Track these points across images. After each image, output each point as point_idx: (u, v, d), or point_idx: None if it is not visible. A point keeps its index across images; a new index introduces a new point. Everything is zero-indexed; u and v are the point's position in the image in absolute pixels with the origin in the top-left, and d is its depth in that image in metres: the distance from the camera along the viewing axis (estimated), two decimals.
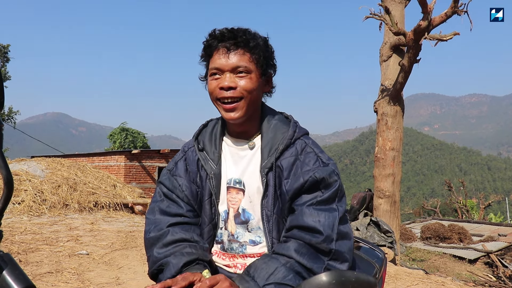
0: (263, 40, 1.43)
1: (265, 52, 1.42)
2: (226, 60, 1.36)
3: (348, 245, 1.30)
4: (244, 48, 1.37)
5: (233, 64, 1.36)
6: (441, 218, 22.48)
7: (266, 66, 1.43)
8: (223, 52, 1.37)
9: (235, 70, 1.37)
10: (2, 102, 0.83)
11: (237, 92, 1.36)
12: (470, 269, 11.19)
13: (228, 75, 1.37)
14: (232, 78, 1.37)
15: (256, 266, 1.25)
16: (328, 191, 1.32)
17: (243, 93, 1.37)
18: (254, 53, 1.38)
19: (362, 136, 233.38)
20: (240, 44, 1.36)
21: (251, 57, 1.38)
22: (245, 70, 1.37)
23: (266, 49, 1.43)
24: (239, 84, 1.36)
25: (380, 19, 9.07)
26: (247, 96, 1.38)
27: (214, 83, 1.39)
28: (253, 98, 1.41)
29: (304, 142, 1.44)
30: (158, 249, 1.37)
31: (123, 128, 30.36)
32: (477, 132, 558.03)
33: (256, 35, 1.42)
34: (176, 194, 1.50)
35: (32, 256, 5.88)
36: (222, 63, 1.36)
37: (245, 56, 1.37)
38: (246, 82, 1.37)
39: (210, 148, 1.52)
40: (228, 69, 1.37)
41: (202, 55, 1.45)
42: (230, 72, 1.37)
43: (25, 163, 13.75)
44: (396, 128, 9.56)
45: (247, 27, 1.44)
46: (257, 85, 1.41)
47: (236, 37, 1.36)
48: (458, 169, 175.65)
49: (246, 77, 1.37)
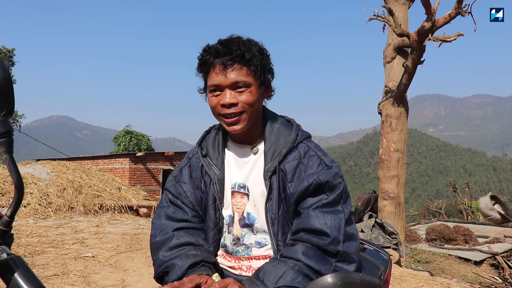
0: (258, 48, 1.41)
1: (261, 61, 1.40)
2: (223, 77, 1.35)
3: (355, 246, 1.31)
4: (240, 63, 1.35)
5: (232, 80, 1.35)
6: (446, 219, 22.38)
7: (264, 74, 1.43)
8: (220, 69, 1.35)
9: (234, 86, 1.36)
10: (13, 108, 0.84)
11: (238, 107, 1.36)
12: (476, 271, 11.13)
13: (228, 92, 1.36)
14: (232, 94, 1.36)
15: (265, 269, 1.26)
16: (333, 194, 1.33)
17: (245, 107, 1.37)
18: (251, 65, 1.37)
19: (366, 137, 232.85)
20: (236, 59, 1.35)
21: (248, 70, 1.37)
22: (244, 85, 1.36)
23: (262, 57, 1.41)
24: (240, 100, 1.36)
25: (383, 21, 9.06)
26: (248, 109, 1.38)
27: (214, 100, 1.39)
28: (255, 109, 1.41)
29: (307, 146, 1.45)
30: (164, 252, 1.39)
31: (127, 131, 30.40)
32: (482, 133, 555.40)
33: (250, 45, 1.40)
34: (181, 200, 1.52)
35: (38, 258, 5.91)
36: (221, 80, 1.35)
37: (242, 71, 1.36)
38: (246, 96, 1.37)
39: (213, 154, 1.54)
40: (227, 86, 1.36)
41: (198, 70, 1.44)
42: (229, 88, 1.36)
43: (31, 166, 13.82)
44: (400, 130, 9.54)
45: (237, 36, 1.42)
46: (257, 96, 1.41)
47: (231, 52, 1.34)
48: (463, 170, 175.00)
49: (246, 91, 1.37)
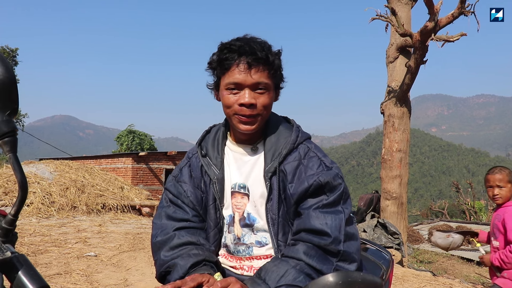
0: (278, 53, 1.43)
1: (279, 65, 1.42)
2: (247, 76, 1.34)
3: (356, 246, 1.32)
4: (264, 65, 1.36)
5: (254, 80, 1.34)
6: (449, 219, 22.33)
7: (281, 79, 1.46)
8: (245, 68, 1.34)
9: (255, 86, 1.36)
10: (17, 108, 0.85)
11: (257, 109, 1.37)
12: (479, 271, 11.10)
13: (248, 92, 1.35)
14: (252, 95, 1.36)
15: (267, 269, 1.27)
16: (333, 194, 1.34)
17: (262, 110, 1.38)
18: (272, 69, 1.38)
19: (369, 137, 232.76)
20: (261, 60, 1.34)
21: (269, 73, 1.37)
22: (265, 87, 1.37)
23: (279, 62, 1.43)
24: (259, 101, 1.36)
25: (386, 21, 9.05)
26: (264, 112, 1.39)
27: (232, 98, 1.38)
28: (269, 112, 1.43)
29: (307, 147, 1.45)
30: (165, 252, 1.39)
31: (130, 130, 30.46)
32: (485, 133, 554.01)
33: (271, 49, 1.41)
34: (181, 200, 1.52)
35: (41, 257, 5.93)
36: (243, 78, 1.34)
37: (265, 73, 1.36)
38: (265, 99, 1.37)
39: (213, 154, 1.54)
40: (248, 85, 1.35)
41: (214, 67, 1.43)
42: (250, 88, 1.36)
43: (34, 165, 13.86)
44: (403, 130, 9.53)
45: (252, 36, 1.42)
46: (272, 99, 1.43)
47: (255, 52, 1.34)
48: (466, 171, 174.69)
49: (265, 94, 1.37)
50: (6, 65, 0.82)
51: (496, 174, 3.32)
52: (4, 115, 0.82)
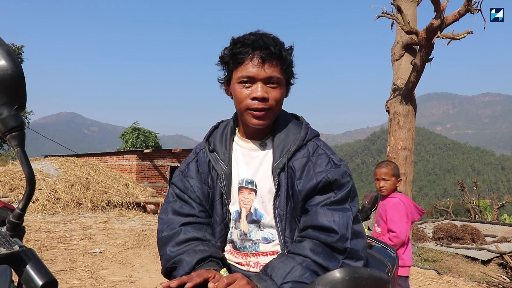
0: (290, 49, 1.44)
1: (291, 62, 1.43)
2: (260, 70, 1.34)
3: (362, 244, 1.32)
4: (278, 60, 1.36)
5: (267, 75, 1.35)
6: (454, 218, 22.22)
7: (292, 75, 1.46)
8: (258, 62, 1.34)
9: (267, 80, 1.36)
10: (25, 103, 0.85)
11: (269, 103, 1.37)
12: (483, 270, 11.06)
13: (260, 85, 1.36)
14: (265, 89, 1.36)
15: (273, 265, 1.27)
16: (341, 192, 1.34)
17: (273, 104, 1.38)
18: (284, 64, 1.39)
19: (374, 135, 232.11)
20: (275, 55, 1.35)
21: (281, 68, 1.38)
22: (277, 82, 1.37)
23: (291, 59, 1.44)
24: (271, 95, 1.37)
25: (392, 18, 9.01)
26: (275, 107, 1.39)
27: (244, 92, 1.38)
28: (280, 107, 1.44)
29: (316, 144, 1.45)
30: (171, 247, 1.39)
31: (135, 127, 30.54)
32: (490, 132, 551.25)
33: (284, 45, 1.42)
34: (188, 195, 1.52)
35: (47, 254, 5.96)
36: (256, 72, 1.35)
37: (278, 68, 1.37)
38: (277, 93, 1.38)
39: (221, 149, 1.53)
40: (261, 79, 1.36)
41: (227, 61, 1.43)
42: (262, 82, 1.36)
43: (39, 162, 13.92)
44: (408, 128, 9.49)
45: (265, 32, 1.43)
46: (284, 95, 1.43)
47: (269, 47, 1.34)
48: (471, 169, 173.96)
49: (277, 88, 1.38)
50: (14, 60, 0.82)
51: (382, 168, 3.65)
52: (12, 109, 0.82)
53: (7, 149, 32.89)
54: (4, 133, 0.81)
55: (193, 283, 1.15)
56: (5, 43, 0.83)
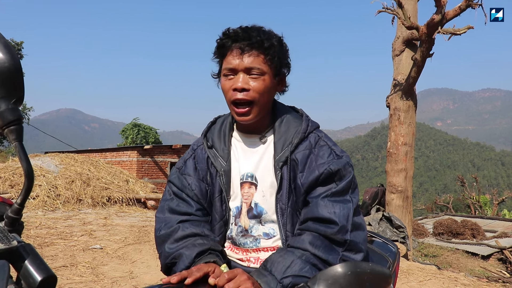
0: (278, 40, 1.41)
1: (279, 52, 1.39)
2: (240, 61, 1.34)
3: (363, 236, 1.31)
4: (258, 49, 1.35)
5: (247, 65, 1.34)
6: (454, 213, 22.25)
7: (280, 66, 1.42)
8: (237, 53, 1.35)
9: (248, 71, 1.35)
10: (22, 96, 0.84)
11: (249, 94, 1.35)
12: (483, 265, 11.09)
13: (242, 76, 1.35)
14: (246, 79, 1.35)
15: (273, 260, 1.26)
16: (342, 182, 1.33)
17: (255, 96, 1.36)
18: (268, 54, 1.36)
19: (374, 131, 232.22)
20: (255, 45, 1.34)
21: (264, 58, 1.36)
22: (259, 72, 1.35)
23: (281, 49, 1.41)
24: (252, 86, 1.35)
25: (392, 13, 8.98)
26: (259, 98, 1.37)
27: (227, 84, 1.38)
28: (265, 99, 1.40)
29: (317, 136, 1.44)
30: (170, 244, 1.38)
31: (135, 123, 30.54)
32: (490, 128, 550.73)
33: (270, 35, 1.39)
34: (185, 193, 1.50)
35: (47, 250, 5.97)
36: (236, 63, 1.35)
37: (259, 58, 1.35)
38: (259, 83, 1.36)
39: (219, 145, 1.52)
40: (242, 70, 1.35)
41: (215, 54, 1.44)
42: (244, 72, 1.36)
43: (39, 158, 13.90)
44: (408, 123, 9.49)
45: (260, 26, 1.42)
46: (270, 86, 1.39)
47: (251, 37, 1.34)
48: (471, 165, 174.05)
49: (259, 79, 1.36)
50: (12, 53, 0.81)
51: None
52: (9, 103, 0.81)
53: (7, 146, 32.89)
54: (2, 127, 0.80)
55: (193, 277, 1.14)
56: (3, 36, 0.82)
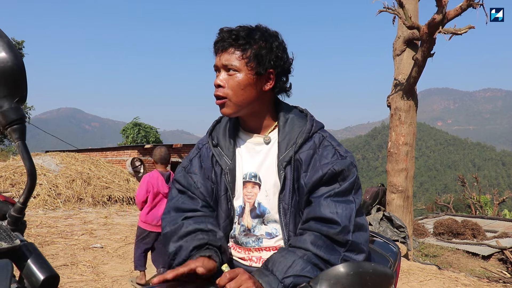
0: (262, 37, 1.39)
1: (260, 49, 1.37)
2: (219, 58, 1.39)
3: (365, 237, 1.31)
4: (234, 46, 1.37)
5: (223, 62, 1.38)
6: (454, 213, 22.22)
7: (261, 63, 1.38)
8: (218, 52, 1.40)
9: (226, 68, 1.38)
10: (25, 96, 0.84)
11: (222, 90, 1.38)
12: (484, 265, 11.08)
13: (222, 73, 1.40)
14: (224, 76, 1.39)
15: (274, 260, 1.26)
16: (346, 183, 1.34)
17: (227, 92, 1.38)
18: (244, 51, 1.36)
19: (375, 131, 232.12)
20: (232, 43, 1.36)
21: (241, 55, 1.36)
22: (234, 69, 1.37)
23: (264, 46, 1.38)
24: (227, 83, 1.38)
25: (393, 13, 8.98)
26: (232, 94, 1.38)
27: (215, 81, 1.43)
28: (242, 96, 1.39)
29: (322, 136, 1.44)
30: (174, 242, 1.39)
31: (135, 123, 30.49)
32: (491, 127, 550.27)
33: (254, 32, 1.38)
34: (191, 191, 1.51)
35: (48, 249, 5.97)
36: (216, 62, 1.41)
37: (234, 55, 1.37)
38: (233, 81, 1.37)
39: (225, 144, 1.52)
40: (221, 67, 1.39)
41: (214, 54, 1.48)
42: (224, 70, 1.39)
43: (40, 157, 13.91)
44: (409, 123, 9.48)
45: (257, 24, 1.42)
46: (246, 83, 1.38)
47: (230, 36, 1.36)
48: (472, 165, 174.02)
49: (233, 76, 1.37)
50: (15, 52, 0.81)
51: None
52: (12, 102, 0.81)
53: (8, 144, 32.89)
54: (4, 126, 0.81)
55: (174, 272, 1.16)
56: (6, 35, 0.82)
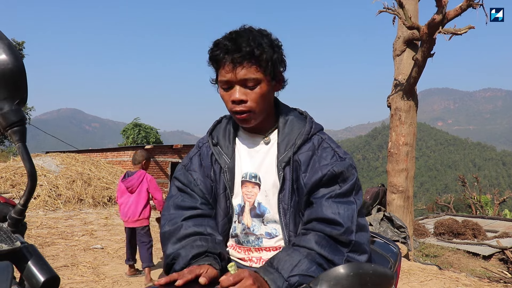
0: (269, 42, 1.38)
1: (272, 55, 1.37)
2: (233, 74, 1.33)
3: (366, 237, 1.32)
4: (249, 60, 1.33)
5: (240, 78, 1.33)
6: (455, 213, 22.22)
7: (274, 68, 1.39)
8: (230, 67, 1.33)
9: (243, 82, 1.35)
10: (26, 98, 0.84)
11: (247, 105, 1.35)
12: (485, 265, 11.07)
13: (238, 88, 1.35)
14: (242, 91, 1.35)
15: (279, 258, 1.26)
16: (346, 184, 1.34)
17: (253, 106, 1.36)
18: (260, 62, 1.34)
19: (375, 131, 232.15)
20: (246, 57, 1.32)
21: (258, 67, 1.34)
22: (254, 82, 1.34)
23: (273, 51, 1.38)
24: (250, 97, 1.35)
25: (393, 13, 8.99)
26: (256, 106, 1.37)
27: (226, 96, 1.38)
28: (265, 105, 1.40)
29: (321, 138, 1.45)
30: (172, 244, 1.39)
31: (136, 123, 30.51)
32: (491, 127, 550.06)
33: (260, 39, 1.36)
34: (191, 188, 1.51)
35: (48, 250, 5.98)
36: (230, 77, 1.34)
37: (251, 68, 1.33)
38: (255, 94, 1.35)
39: (224, 143, 1.53)
40: (237, 82, 1.35)
41: (209, 63, 1.43)
42: (239, 85, 1.35)
43: (40, 158, 13.92)
44: (409, 123, 9.49)
45: (249, 27, 1.40)
46: (267, 91, 1.39)
47: (240, 48, 1.31)
48: (472, 165, 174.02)
49: (255, 88, 1.35)
50: (15, 54, 0.81)
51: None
52: (13, 104, 0.81)
53: (8, 145, 32.89)
54: (5, 128, 0.81)
55: (183, 279, 1.15)
56: (6, 37, 0.82)
